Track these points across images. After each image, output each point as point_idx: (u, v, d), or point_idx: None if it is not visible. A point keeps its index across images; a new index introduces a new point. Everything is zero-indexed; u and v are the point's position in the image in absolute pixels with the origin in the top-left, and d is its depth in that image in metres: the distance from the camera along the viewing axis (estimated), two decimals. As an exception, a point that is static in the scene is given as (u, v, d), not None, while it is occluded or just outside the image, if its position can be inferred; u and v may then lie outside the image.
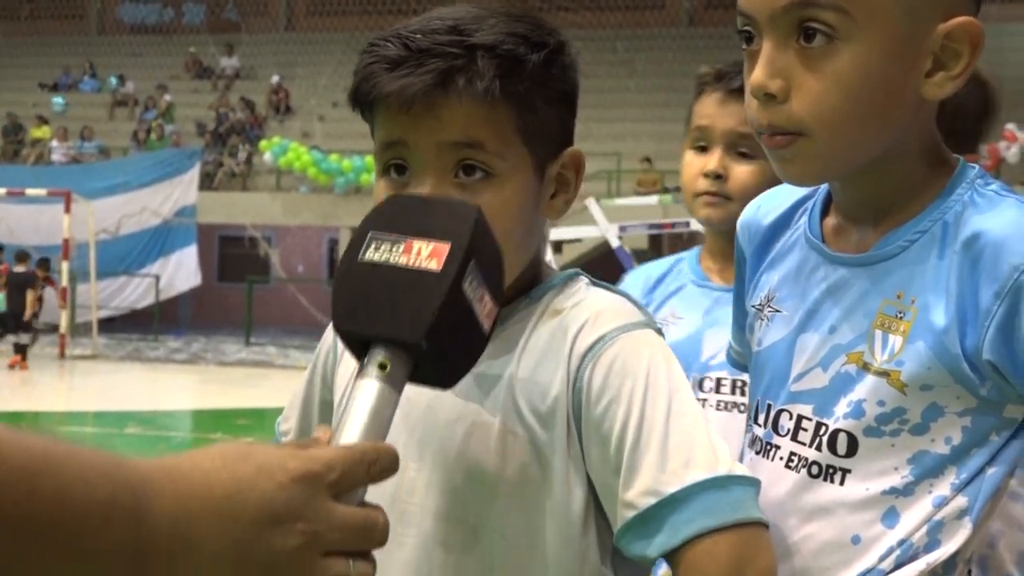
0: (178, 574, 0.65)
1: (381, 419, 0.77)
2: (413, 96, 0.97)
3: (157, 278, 18.74)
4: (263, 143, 20.45)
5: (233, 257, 22.19)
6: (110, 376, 13.23)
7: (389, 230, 0.83)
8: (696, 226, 15.11)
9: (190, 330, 19.82)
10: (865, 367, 0.97)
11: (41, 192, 16.22)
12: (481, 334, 0.84)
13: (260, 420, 4.66)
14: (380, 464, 0.74)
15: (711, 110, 1.73)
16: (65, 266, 15.02)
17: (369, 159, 19.88)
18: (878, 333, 0.96)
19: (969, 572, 0.99)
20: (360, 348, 0.81)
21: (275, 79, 23.62)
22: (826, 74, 0.92)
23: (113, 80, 25.06)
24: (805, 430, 1.00)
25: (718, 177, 1.71)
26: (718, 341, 1.68)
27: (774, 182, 1.69)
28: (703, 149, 1.75)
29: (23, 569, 0.59)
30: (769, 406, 1.04)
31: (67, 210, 15.06)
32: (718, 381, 1.75)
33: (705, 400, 1.72)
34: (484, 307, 0.83)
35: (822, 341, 1.00)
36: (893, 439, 0.96)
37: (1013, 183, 15.44)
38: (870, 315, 0.97)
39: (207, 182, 20.22)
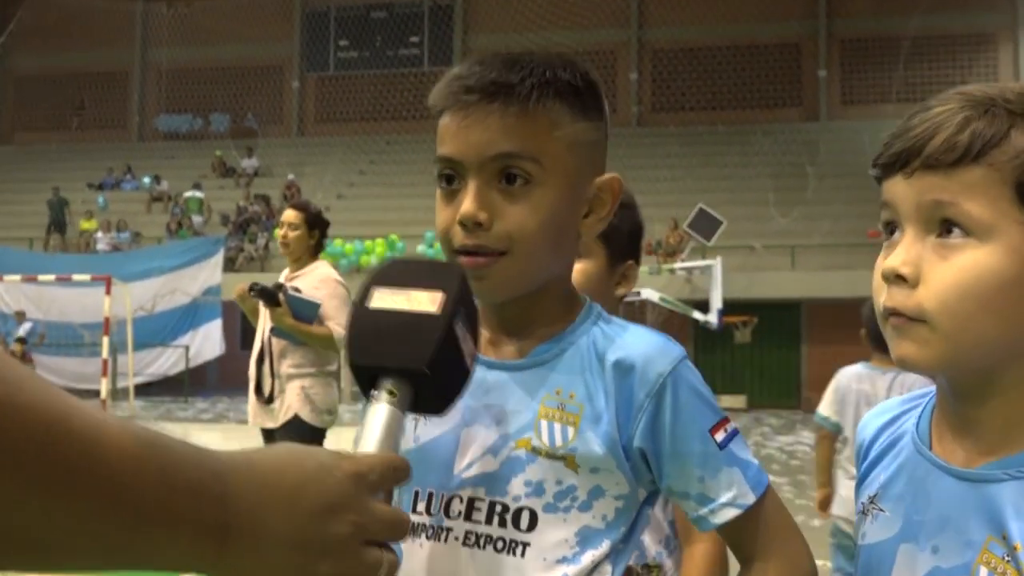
0: (251, 550, 0.65)
1: (393, 435, 0.79)
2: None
3: (187, 348, 18.47)
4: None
5: (254, 328, 21.93)
6: (145, 435, 12.92)
7: (389, 285, 0.85)
8: (646, 295, 15.02)
9: (216, 392, 19.44)
10: None
11: (86, 277, 16.06)
12: (466, 368, 0.86)
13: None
14: (403, 472, 0.75)
15: None
16: (106, 340, 14.74)
17: (368, 243, 19.89)
18: None
19: None
20: (369, 382, 0.82)
21: (290, 176, 23.61)
22: (524, 206, 0.98)
23: (147, 180, 25.01)
24: None
25: None
26: None
27: (604, 279, 1.67)
28: None
29: (129, 538, 0.59)
30: None
31: (107, 292, 14.85)
32: None
33: None
34: (467, 346, 0.85)
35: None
36: None
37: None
38: None
39: (230, 265, 20.06)
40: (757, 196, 20.33)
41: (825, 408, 3.81)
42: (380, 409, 0.79)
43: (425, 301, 0.83)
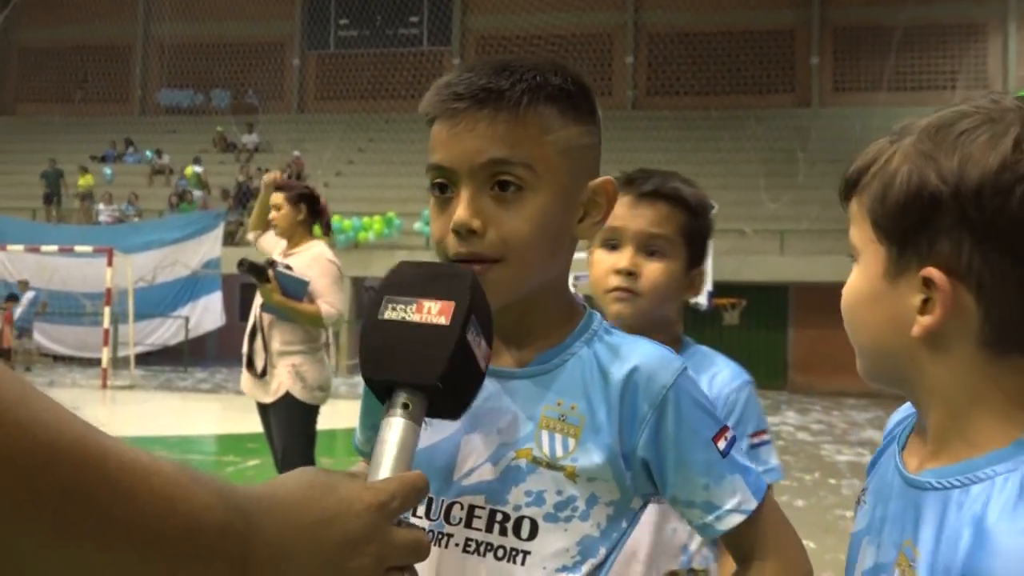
0: None
1: (408, 449, 0.78)
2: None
3: (187, 319, 18.46)
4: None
5: (252, 301, 21.87)
6: (145, 404, 12.88)
7: (401, 294, 0.83)
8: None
9: (215, 363, 19.46)
10: None
11: (88, 249, 16.01)
12: (480, 372, 0.84)
13: (264, 445, 4.53)
14: (424, 491, 0.76)
15: (622, 211, 1.55)
16: (107, 310, 14.78)
17: (366, 220, 19.83)
18: None
19: None
20: (384, 392, 0.81)
21: (295, 153, 23.42)
22: (517, 214, 0.96)
23: (149, 153, 24.88)
24: None
25: (630, 274, 1.57)
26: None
27: (681, 280, 1.65)
28: (614, 248, 1.59)
29: (153, 573, 0.59)
30: None
31: (109, 264, 14.83)
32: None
33: None
34: (481, 350, 0.84)
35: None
36: None
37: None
38: None
39: (230, 239, 20.00)
40: (748, 181, 20.30)
41: None
42: (395, 424, 0.78)
43: (436, 311, 0.81)
